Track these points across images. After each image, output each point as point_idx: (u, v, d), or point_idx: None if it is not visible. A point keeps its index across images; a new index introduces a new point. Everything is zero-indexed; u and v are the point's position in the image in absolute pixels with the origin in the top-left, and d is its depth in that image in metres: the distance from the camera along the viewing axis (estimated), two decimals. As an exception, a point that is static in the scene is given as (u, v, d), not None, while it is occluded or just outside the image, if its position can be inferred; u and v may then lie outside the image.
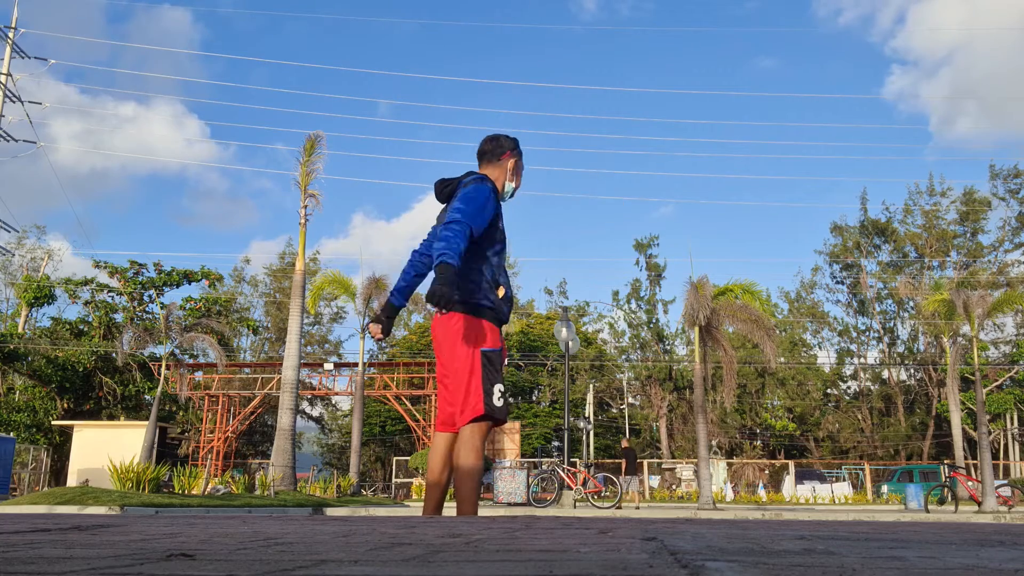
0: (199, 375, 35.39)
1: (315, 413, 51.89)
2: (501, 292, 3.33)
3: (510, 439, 31.07)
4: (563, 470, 16.40)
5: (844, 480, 34.16)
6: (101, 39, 73.30)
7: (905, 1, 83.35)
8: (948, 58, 79.69)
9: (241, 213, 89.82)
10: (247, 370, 39.35)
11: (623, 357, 49.06)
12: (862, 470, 34.91)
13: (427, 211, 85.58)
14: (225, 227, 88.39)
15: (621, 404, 46.43)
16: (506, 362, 3.48)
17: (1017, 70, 71.71)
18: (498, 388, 3.26)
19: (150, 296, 35.89)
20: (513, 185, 3.47)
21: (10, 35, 29.06)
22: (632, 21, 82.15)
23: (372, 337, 3.65)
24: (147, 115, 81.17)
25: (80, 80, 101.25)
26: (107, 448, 19.87)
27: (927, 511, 16.39)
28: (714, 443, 40.39)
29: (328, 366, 36.80)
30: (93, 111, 68.10)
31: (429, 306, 3.52)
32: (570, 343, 17.50)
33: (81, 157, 75.52)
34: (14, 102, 29.55)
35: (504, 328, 3.43)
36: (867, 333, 49.61)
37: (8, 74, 29.09)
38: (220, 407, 33.61)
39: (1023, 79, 68.91)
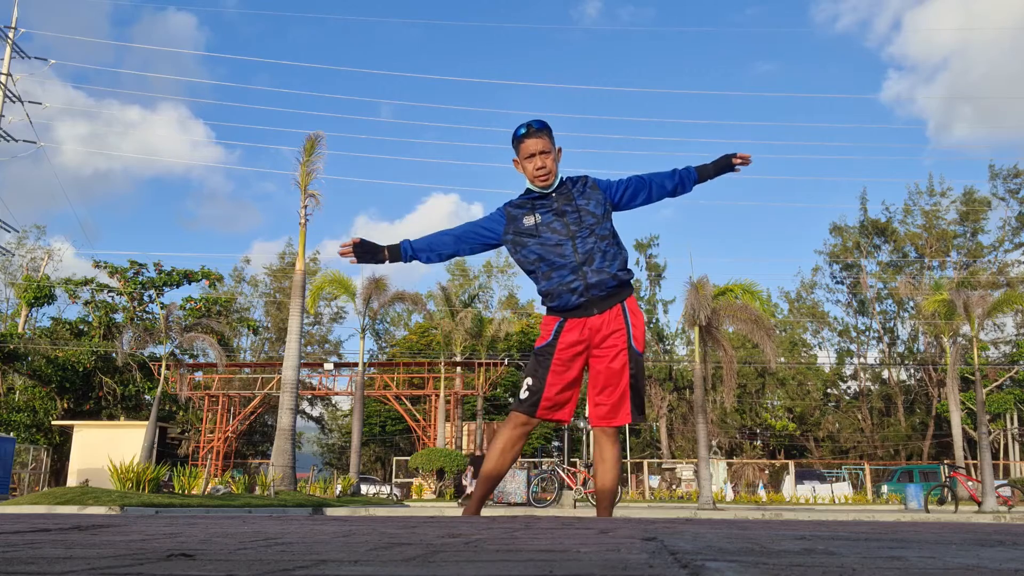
0: (199, 375, 35.39)
1: (315, 413, 51.93)
2: (544, 285, 3.31)
3: (510, 439, 31.05)
4: (563, 470, 16.41)
5: (844, 480, 34.15)
6: (106, 42, 73.32)
7: (901, 6, 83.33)
8: (944, 63, 79.79)
9: (244, 215, 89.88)
10: (247, 370, 39.36)
11: (623, 357, 49.00)
12: (862, 470, 34.92)
13: (430, 212, 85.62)
14: (228, 228, 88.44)
15: (621, 404, 46.36)
16: (564, 346, 3.34)
17: (1013, 73, 71.78)
18: (527, 382, 3.30)
19: (150, 296, 35.90)
20: (528, 178, 3.32)
21: (10, 35, 29.06)
22: (633, 26, 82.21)
23: (341, 250, 3.42)
24: (151, 117, 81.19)
25: (85, 82, 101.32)
26: (107, 448, 19.85)
27: (927, 511, 16.38)
28: (714, 443, 40.36)
29: (328, 366, 36.81)
30: (98, 113, 68.10)
31: None
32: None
33: (85, 159, 75.59)
34: (14, 102, 29.55)
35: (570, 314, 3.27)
36: (867, 333, 49.64)
37: (8, 74, 29.09)
38: (220, 407, 33.61)
39: (1019, 82, 68.93)
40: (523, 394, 3.28)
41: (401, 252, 3.39)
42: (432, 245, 3.41)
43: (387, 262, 3.42)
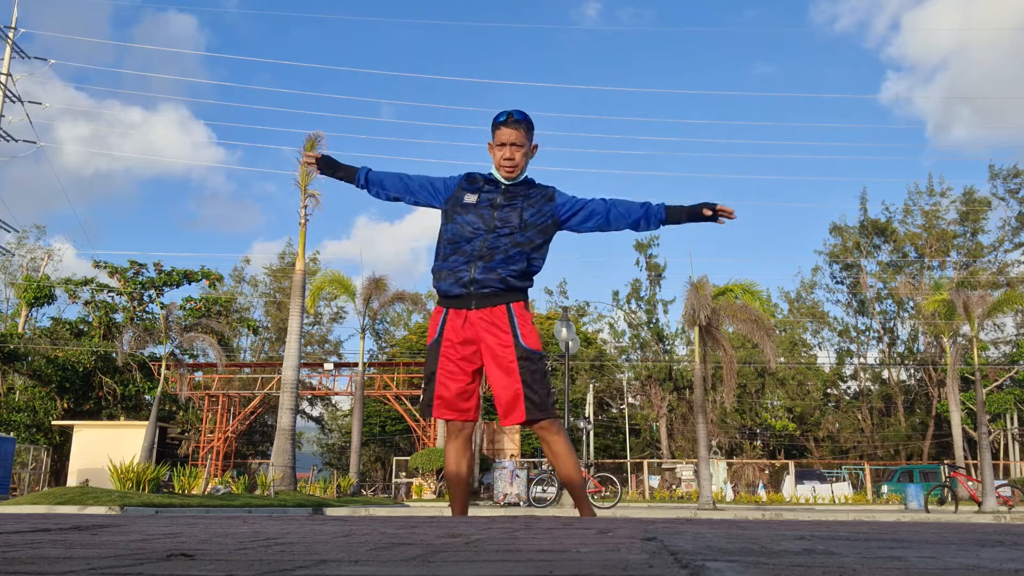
0: (199, 375, 35.37)
1: (315, 413, 51.91)
2: (439, 264, 3.25)
3: (510, 439, 31.03)
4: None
5: (844, 480, 34.15)
6: (108, 43, 73.30)
7: (899, 7, 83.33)
8: (943, 63, 79.89)
9: (244, 215, 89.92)
10: (247, 370, 39.35)
11: (623, 357, 49.05)
12: (862, 470, 34.91)
13: (430, 212, 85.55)
14: (228, 229, 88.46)
15: (621, 404, 46.43)
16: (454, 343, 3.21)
17: (1012, 74, 71.81)
18: (425, 383, 3.31)
19: (150, 296, 35.90)
20: (495, 165, 3.32)
21: (10, 35, 29.05)
22: (633, 27, 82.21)
23: (305, 159, 3.59)
24: (152, 118, 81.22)
25: (86, 82, 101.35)
26: (107, 448, 19.86)
27: (927, 511, 16.38)
28: (714, 443, 40.37)
29: (328, 366, 36.79)
30: (98, 113, 68.12)
31: None
32: (570, 343, 17.48)
33: (86, 159, 75.60)
34: (14, 102, 29.55)
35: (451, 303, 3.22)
36: (867, 333, 49.63)
37: (8, 74, 29.08)
38: (220, 407, 33.60)
39: (1018, 82, 68.97)
40: (423, 395, 3.28)
41: (356, 177, 3.47)
42: (384, 182, 3.46)
43: (343, 181, 3.50)
